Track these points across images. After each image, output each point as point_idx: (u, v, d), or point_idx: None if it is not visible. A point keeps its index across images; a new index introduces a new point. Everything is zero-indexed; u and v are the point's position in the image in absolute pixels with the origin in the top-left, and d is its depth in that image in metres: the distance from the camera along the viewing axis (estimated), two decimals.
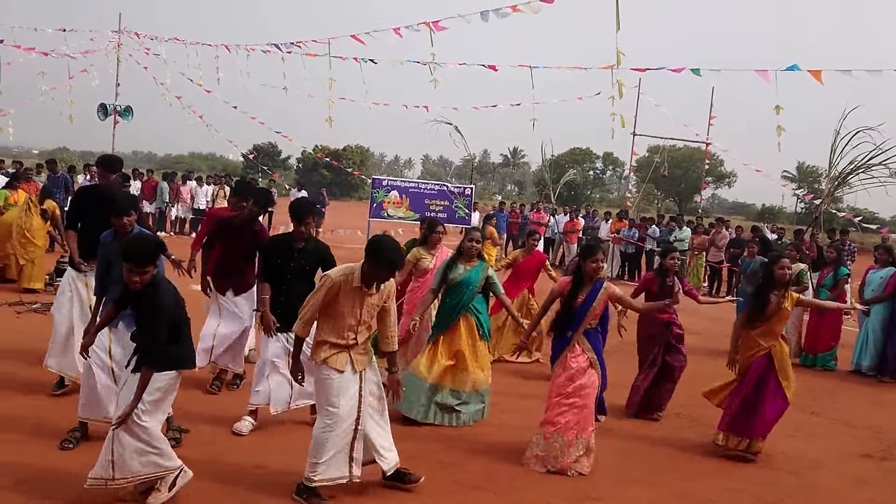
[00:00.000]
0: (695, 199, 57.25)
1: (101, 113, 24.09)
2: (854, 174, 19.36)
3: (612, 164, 70.58)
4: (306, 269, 5.97)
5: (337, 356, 4.74)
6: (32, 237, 11.08)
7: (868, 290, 10.59)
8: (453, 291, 6.68)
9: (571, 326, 5.75)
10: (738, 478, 5.91)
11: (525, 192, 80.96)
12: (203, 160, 74.81)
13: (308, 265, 5.98)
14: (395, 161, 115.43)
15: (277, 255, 5.96)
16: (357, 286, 4.64)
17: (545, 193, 29.75)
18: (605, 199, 70.99)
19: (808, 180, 61.09)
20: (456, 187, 20.11)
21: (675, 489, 5.55)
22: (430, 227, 7.51)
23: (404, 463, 5.13)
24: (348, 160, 54.69)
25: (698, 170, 50.40)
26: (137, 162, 71.83)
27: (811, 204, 32.74)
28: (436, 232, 7.46)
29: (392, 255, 4.57)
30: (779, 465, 6.28)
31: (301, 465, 4.72)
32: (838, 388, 9.49)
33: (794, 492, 5.71)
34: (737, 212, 72.26)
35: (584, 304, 5.74)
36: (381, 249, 4.56)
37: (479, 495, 5.11)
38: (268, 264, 6.01)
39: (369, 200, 19.78)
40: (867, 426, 7.75)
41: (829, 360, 10.50)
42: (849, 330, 11.77)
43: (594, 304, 5.74)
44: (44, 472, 4.80)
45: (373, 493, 4.98)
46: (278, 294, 5.93)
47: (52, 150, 66.76)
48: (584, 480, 5.51)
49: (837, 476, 6.19)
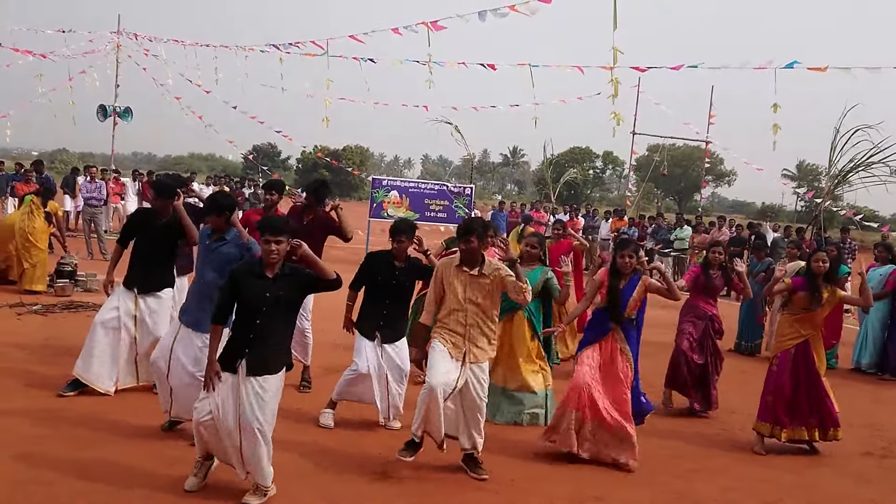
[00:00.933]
0: (695, 197, 57.27)
1: (101, 114, 24.08)
2: (854, 172, 19.36)
3: (612, 163, 70.55)
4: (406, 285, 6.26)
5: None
6: (35, 240, 10.96)
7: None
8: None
9: (611, 316, 5.95)
10: (737, 477, 5.91)
11: (525, 192, 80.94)
12: (203, 161, 74.83)
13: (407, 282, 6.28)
14: (395, 161, 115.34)
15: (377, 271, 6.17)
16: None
17: (545, 193, 29.75)
18: (605, 199, 70.93)
19: (809, 178, 61.08)
20: (456, 187, 20.12)
21: (675, 488, 5.55)
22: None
23: (410, 464, 5.16)
24: (348, 160, 54.66)
25: (698, 168, 50.39)
26: (137, 163, 71.76)
27: (811, 202, 32.74)
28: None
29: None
30: (779, 464, 6.29)
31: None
32: (838, 385, 9.40)
33: (794, 490, 5.71)
34: (737, 210, 72.23)
35: (624, 295, 5.94)
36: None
37: (481, 496, 5.11)
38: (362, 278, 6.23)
39: (369, 200, 19.78)
40: (867, 424, 7.75)
41: (829, 358, 10.47)
42: (849, 328, 11.77)
43: (633, 294, 5.93)
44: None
45: (379, 491, 4.99)
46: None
47: (51, 152, 66.79)
48: (586, 480, 5.52)
49: (838, 474, 6.19)
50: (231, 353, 4.55)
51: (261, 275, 4.57)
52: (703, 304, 7.65)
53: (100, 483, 4.66)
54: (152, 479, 4.79)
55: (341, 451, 5.64)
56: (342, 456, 5.56)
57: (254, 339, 4.52)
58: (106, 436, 5.46)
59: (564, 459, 5.81)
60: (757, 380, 9.30)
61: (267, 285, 4.55)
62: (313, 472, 5.17)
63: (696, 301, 7.68)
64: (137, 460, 5.06)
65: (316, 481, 5.03)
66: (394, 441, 5.92)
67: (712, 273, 7.68)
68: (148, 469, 4.93)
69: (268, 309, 4.54)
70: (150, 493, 4.59)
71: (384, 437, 6.03)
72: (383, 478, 5.23)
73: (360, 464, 5.44)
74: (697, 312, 7.62)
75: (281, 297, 4.57)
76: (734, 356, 10.77)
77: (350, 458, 5.54)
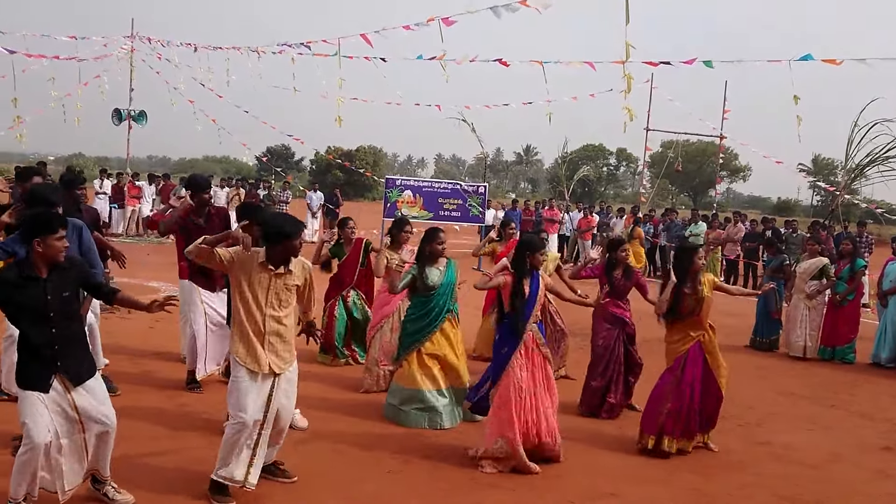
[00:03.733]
0: (709, 193, 56.92)
1: (116, 118, 24.30)
2: (872, 166, 19.17)
3: (626, 160, 70.30)
4: None
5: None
6: None
7: (886, 282, 10.51)
8: (440, 294, 6.45)
9: (522, 319, 5.58)
10: (754, 473, 5.86)
11: (538, 190, 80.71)
12: (217, 163, 75.10)
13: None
14: (408, 161, 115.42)
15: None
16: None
17: (559, 190, 29.66)
18: (619, 196, 70.59)
19: (824, 173, 60.58)
20: (469, 186, 20.07)
21: (692, 485, 5.51)
22: (397, 226, 7.61)
23: (425, 460, 5.14)
24: (361, 161, 54.72)
25: (712, 164, 50.09)
26: (152, 166, 72.20)
27: (828, 197, 32.44)
28: (404, 231, 7.55)
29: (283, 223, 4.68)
30: (796, 459, 6.22)
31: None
32: (857, 380, 9.39)
33: (811, 485, 5.65)
34: (752, 206, 71.71)
35: (531, 295, 5.63)
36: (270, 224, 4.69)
37: (497, 493, 5.10)
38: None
39: (383, 200, 19.79)
40: (887, 419, 7.66)
41: (847, 353, 10.39)
42: (868, 322, 11.66)
43: (539, 293, 5.65)
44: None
45: (393, 490, 4.99)
46: None
47: (67, 157, 67.33)
48: (602, 478, 5.49)
49: (857, 469, 6.13)
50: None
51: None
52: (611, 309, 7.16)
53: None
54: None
55: (355, 452, 5.66)
56: (356, 456, 5.57)
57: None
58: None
59: (579, 455, 5.80)
60: (774, 375, 9.30)
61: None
62: (328, 472, 5.18)
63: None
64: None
65: (330, 481, 5.04)
66: (409, 441, 5.94)
67: (615, 273, 7.23)
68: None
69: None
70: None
71: (399, 437, 6.04)
72: (398, 475, 5.23)
73: (375, 463, 5.45)
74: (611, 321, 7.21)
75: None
76: (750, 352, 10.70)
77: (364, 457, 5.55)
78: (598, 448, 6.14)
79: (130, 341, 8.45)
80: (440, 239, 6.48)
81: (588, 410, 7.06)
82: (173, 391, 6.79)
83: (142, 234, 20.95)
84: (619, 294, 7.20)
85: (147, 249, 18.04)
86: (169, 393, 6.73)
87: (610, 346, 7.08)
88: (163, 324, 8.58)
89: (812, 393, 8.58)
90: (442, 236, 6.53)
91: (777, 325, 10.97)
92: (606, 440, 6.36)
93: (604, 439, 6.37)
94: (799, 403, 8.10)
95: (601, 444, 6.23)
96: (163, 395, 6.67)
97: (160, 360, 7.79)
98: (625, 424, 6.75)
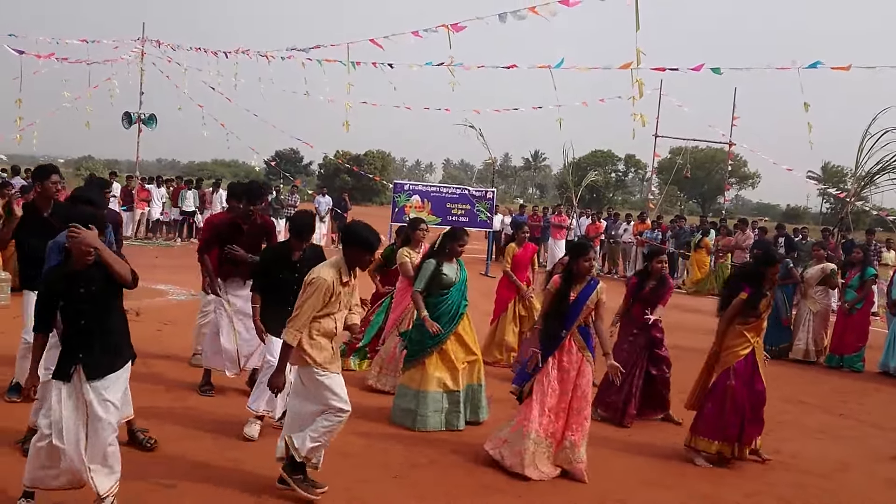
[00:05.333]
0: (718, 200, 56.78)
1: (126, 121, 24.41)
2: (882, 174, 19.10)
3: (635, 166, 70.15)
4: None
5: (333, 357, 4.79)
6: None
7: (895, 291, 10.46)
8: (455, 291, 6.55)
9: (565, 325, 5.64)
10: (762, 480, 5.84)
11: (546, 196, 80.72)
12: (226, 167, 75.36)
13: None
14: (417, 165, 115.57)
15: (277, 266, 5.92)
16: (346, 280, 4.72)
17: (567, 196, 29.62)
18: (627, 202, 70.49)
19: (834, 180, 60.40)
20: (477, 191, 20.03)
21: (700, 492, 5.49)
22: (412, 226, 7.70)
23: (432, 465, 5.13)
24: (370, 165, 54.84)
25: (721, 171, 49.95)
26: (161, 169, 72.43)
27: (838, 204, 32.31)
28: (419, 229, 7.64)
29: (369, 234, 4.71)
30: (805, 468, 6.19)
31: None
32: (866, 389, 9.34)
33: (820, 494, 5.63)
34: (762, 213, 71.49)
35: (578, 302, 5.65)
36: (355, 232, 4.72)
37: (504, 498, 5.10)
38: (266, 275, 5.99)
39: (391, 205, 19.81)
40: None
41: (856, 362, 10.34)
42: (876, 331, 11.60)
43: (587, 302, 5.65)
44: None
45: (401, 492, 5.00)
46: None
47: (77, 159, 67.70)
48: (609, 483, 5.48)
49: (866, 478, 6.10)
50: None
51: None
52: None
53: None
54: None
55: (363, 454, 5.66)
56: (364, 458, 5.58)
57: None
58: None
59: (587, 459, 5.78)
60: (783, 384, 9.24)
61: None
62: (336, 474, 5.18)
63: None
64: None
65: (339, 483, 5.03)
66: (415, 445, 5.94)
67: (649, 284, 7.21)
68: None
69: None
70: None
71: (406, 440, 6.04)
72: (405, 480, 5.23)
73: (382, 466, 5.45)
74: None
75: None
76: None
77: (372, 459, 5.56)
78: (607, 453, 6.11)
79: (140, 343, 8.40)
80: (464, 241, 6.60)
81: (609, 418, 7.01)
82: (181, 392, 6.80)
83: (150, 237, 21.03)
84: (651, 303, 7.18)
85: (155, 252, 18.12)
86: (177, 394, 6.75)
87: (631, 361, 7.00)
88: (171, 326, 8.60)
89: (821, 402, 8.54)
90: (466, 239, 6.66)
91: (787, 333, 10.92)
92: (615, 445, 6.35)
93: (612, 444, 6.36)
94: (808, 412, 8.07)
95: (610, 449, 6.21)
96: (170, 396, 6.69)
97: (169, 361, 7.81)
98: (633, 429, 6.74)
